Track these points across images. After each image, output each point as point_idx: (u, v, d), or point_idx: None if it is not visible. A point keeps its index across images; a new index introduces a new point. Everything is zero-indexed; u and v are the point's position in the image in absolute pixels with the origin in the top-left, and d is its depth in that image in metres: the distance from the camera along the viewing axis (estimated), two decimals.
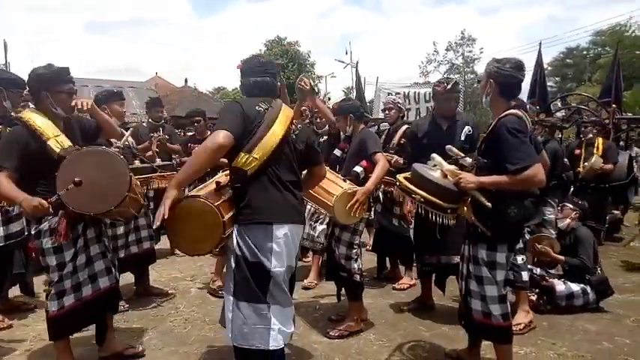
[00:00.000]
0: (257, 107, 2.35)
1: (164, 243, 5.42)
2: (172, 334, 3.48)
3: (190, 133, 8.52)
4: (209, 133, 5.98)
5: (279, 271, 2.31)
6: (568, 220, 4.21)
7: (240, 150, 2.28)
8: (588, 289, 3.93)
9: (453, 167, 2.67)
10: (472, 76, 33.99)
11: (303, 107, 5.15)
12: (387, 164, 3.47)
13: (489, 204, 2.46)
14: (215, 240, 2.26)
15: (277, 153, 2.32)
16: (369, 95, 15.97)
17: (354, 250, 3.46)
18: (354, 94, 19.84)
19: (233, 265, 2.34)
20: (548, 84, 31.41)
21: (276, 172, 2.35)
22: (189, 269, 5.18)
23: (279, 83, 2.70)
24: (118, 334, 3.34)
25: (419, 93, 10.03)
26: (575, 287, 3.92)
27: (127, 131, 4.17)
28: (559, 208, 4.40)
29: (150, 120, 5.48)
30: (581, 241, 4.10)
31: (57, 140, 2.64)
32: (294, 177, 2.47)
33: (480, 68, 33.79)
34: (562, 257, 4.06)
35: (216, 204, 2.23)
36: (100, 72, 67.34)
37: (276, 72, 2.60)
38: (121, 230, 3.89)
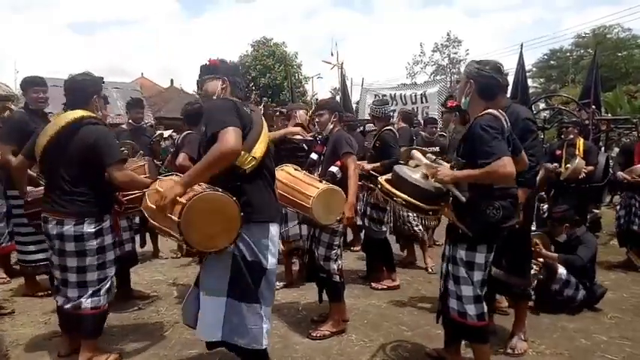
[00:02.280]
0: (245, 108, 2.41)
1: (149, 245, 5.41)
2: (153, 337, 3.44)
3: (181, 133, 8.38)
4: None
5: (272, 269, 2.43)
6: (564, 235, 4.22)
7: None
8: (581, 287, 3.96)
9: (430, 162, 2.71)
10: (457, 77, 34.31)
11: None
12: (357, 169, 3.47)
13: (464, 198, 2.50)
14: (232, 234, 2.24)
15: (268, 154, 2.44)
16: (355, 96, 16.03)
17: (334, 251, 3.46)
18: (340, 94, 19.91)
19: (230, 265, 2.33)
20: (534, 85, 32.04)
21: (267, 172, 2.45)
22: (172, 272, 5.13)
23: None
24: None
25: (404, 95, 10.14)
26: (573, 279, 3.95)
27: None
28: (550, 225, 4.34)
29: (130, 121, 5.36)
30: (584, 242, 4.10)
31: None
32: (274, 176, 2.62)
33: None
34: (555, 254, 4.06)
35: (234, 198, 2.23)
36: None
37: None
38: None
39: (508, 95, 6.38)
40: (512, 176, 2.44)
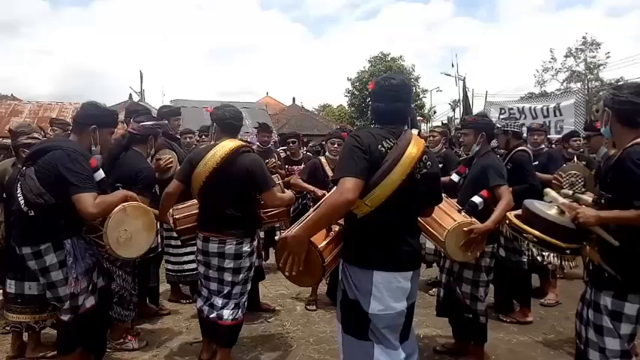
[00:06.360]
0: (380, 146, 2.15)
1: (272, 259, 5.71)
2: (279, 351, 3.63)
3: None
4: (302, 153, 6.27)
5: (379, 315, 2.18)
6: None
7: None
8: None
9: (569, 201, 2.44)
10: (597, 84, 30.83)
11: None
12: (511, 201, 3.07)
13: (616, 242, 2.20)
14: (316, 279, 2.33)
15: (393, 199, 2.13)
16: (476, 109, 15.30)
17: (481, 289, 3.23)
18: (461, 108, 19.15)
19: (340, 296, 2.33)
20: None
21: (389, 218, 2.17)
22: (295, 286, 5.26)
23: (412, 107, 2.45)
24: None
25: (535, 108, 9.33)
26: None
27: None
28: None
29: (258, 144, 5.82)
30: None
31: None
32: (411, 220, 2.34)
33: (607, 75, 30.40)
34: None
35: (320, 246, 2.22)
36: (220, 94, 73.76)
37: (409, 94, 2.37)
38: None
39: None
40: None
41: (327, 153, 4.94)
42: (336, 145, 4.81)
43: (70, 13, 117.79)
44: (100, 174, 2.79)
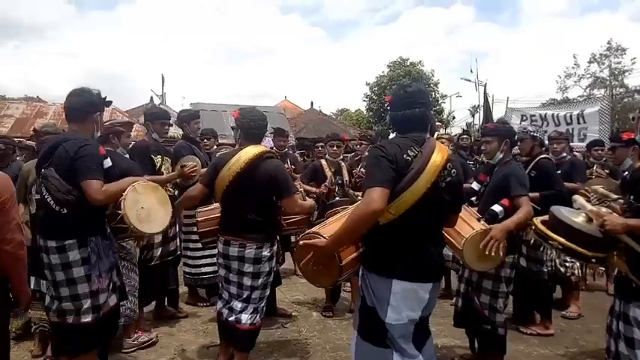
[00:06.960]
0: (405, 155, 2.12)
1: (288, 263, 5.71)
2: (296, 358, 3.61)
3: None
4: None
5: (395, 324, 2.17)
6: None
7: None
8: None
9: (597, 208, 2.39)
10: (622, 90, 30.17)
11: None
12: (531, 212, 3.01)
13: None
14: (332, 279, 2.40)
15: (417, 207, 2.10)
16: (496, 114, 15.09)
17: (500, 300, 3.16)
18: (481, 114, 18.94)
19: (359, 303, 2.32)
20: None
21: (411, 226, 2.15)
22: (312, 292, 5.30)
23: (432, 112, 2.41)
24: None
25: (557, 115, 9.13)
26: None
27: None
28: None
29: (274, 148, 5.80)
30: None
31: None
32: (434, 230, 2.31)
33: (632, 81, 29.81)
34: None
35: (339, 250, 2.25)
36: (238, 98, 74.52)
37: (426, 100, 2.32)
38: None
39: None
40: None
41: (327, 155, 4.98)
42: (335, 148, 4.92)
43: (95, 16, 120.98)
44: (108, 162, 2.82)
